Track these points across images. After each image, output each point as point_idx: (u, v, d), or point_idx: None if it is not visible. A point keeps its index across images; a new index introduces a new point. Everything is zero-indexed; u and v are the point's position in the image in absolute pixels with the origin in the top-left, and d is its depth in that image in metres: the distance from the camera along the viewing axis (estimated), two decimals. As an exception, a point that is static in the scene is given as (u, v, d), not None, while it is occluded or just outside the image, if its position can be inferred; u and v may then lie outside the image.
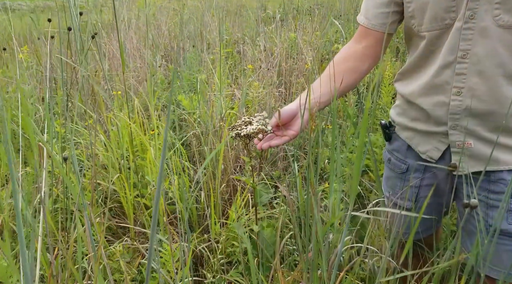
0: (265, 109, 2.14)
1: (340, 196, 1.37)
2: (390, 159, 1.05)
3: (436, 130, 0.91)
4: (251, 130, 0.81)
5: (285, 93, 2.61)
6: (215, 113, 1.83)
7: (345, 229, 0.60)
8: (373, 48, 0.96)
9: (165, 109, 2.32)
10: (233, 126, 0.84)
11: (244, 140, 0.82)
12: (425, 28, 0.86)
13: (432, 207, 1.02)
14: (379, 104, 2.49)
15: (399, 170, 1.03)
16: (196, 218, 1.62)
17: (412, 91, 0.93)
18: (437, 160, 0.94)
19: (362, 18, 0.96)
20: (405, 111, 0.98)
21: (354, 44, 0.99)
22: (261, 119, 0.84)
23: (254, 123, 0.83)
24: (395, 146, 1.03)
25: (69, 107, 2.02)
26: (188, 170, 1.85)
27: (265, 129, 0.83)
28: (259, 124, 0.82)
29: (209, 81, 2.44)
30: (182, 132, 2.32)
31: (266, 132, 0.84)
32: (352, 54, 0.98)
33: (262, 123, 0.84)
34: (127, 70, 2.85)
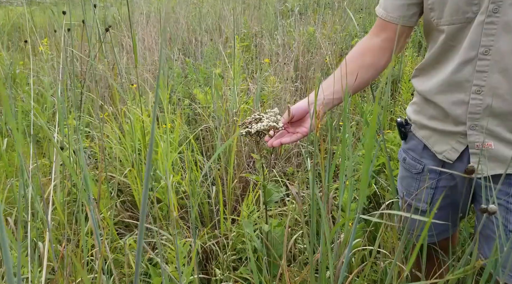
0: (280, 104, 2.12)
1: (351, 195, 1.33)
2: (405, 158, 1.01)
3: (454, 130, 0.87)
4: (262, 127, 0.79)
5: (301, 88, 2.57)
6: (229, 107, 1.82)
7: (353, 234, 0.58)
8: (391, 42, 0.92)
9: (180, 103, 2.33)
10: (243, 123, 0.82)
11: (255, 138, 0.80)
12: (445, 22, 0.81)
13: (448, 210, 0.98)
14: (398, 100, 2.42)
15: (414, 170, 0.99)
16: (207, 213, 1.62)
17: (429, 88, 0.88)
18: (454, 161, 0.89)
19: (381, 10, 0.92)
20: (422, 109, 0.94)
21: (371, 38, 0.95)
22: (272, 116, 0.82)
23: (264, 120, 0.81)
24: (411, 145, 0.99)
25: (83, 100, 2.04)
26: (200, 164, 1.85)
27: (276, 126, 0.81)
28: (270, 121, 0.80)
29: (225, 76, 2.42)
30: (197, 126, 2.32)
31: (277, 129, 0.81)
32: (369, 48, 0.94)
33: (273, 120, 0.81)
34: (144, 63, 2.86)
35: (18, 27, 3.98)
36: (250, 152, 1.85)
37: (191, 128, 2.25)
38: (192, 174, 1.57)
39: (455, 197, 0.96)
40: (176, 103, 2.34)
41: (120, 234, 1.38)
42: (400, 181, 1.07)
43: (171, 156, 1.39)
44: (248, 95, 2.37)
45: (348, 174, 0.83)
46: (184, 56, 3.50)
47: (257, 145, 0.82)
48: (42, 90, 2.32)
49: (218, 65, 2.72)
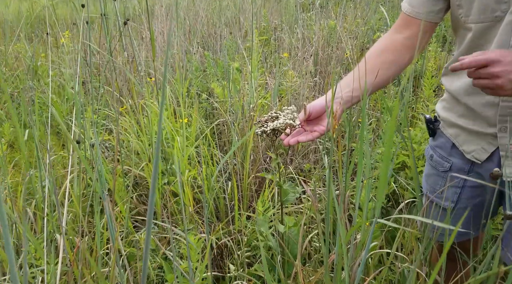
0: (298, 99, 2.09)
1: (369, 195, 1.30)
2: (432, 156, 0.98)
3: (484, 131, 0.83)
4: (278, 125, 0.76)
5: (320, 83, 2.53)
6: (246, 102, 1.80)
7: (370, 237, 0.56)
8: (415, 39, 0.88)
9: (198, 97, 2.32)
10: (259, 121, 0.80)
11: (271, 137, 0.78)
12: (473, 20, 0.77)
13: (473, 211, 0.94)
14: (420, 97, 2.35)
15: (441, 168, 0.96)
16: (223, 207, 1.61)
17: (458, 88, 0.85)
18: (483, 161, 0.86)
19: (406, 5, 0.89)
20: (452, 106, 0.91)
21: (394, 35, 0.92)
22: (289, 114, 0.80)
23: (281, 118, 0.79)
24: (439, 142, 0.96)
25: (101, 93, 2.06)
26: (216, 159, 1.84)
27: (293, 124, 0.78)
28: (286, 119, 0.78)
29: (243, 70, 2.40)
30: (215, 120, 2.31)
31: (294, 127, 0.79)
32: (391, 45, 0.91)
33: (290, 117, 0.79)
34: (163, 56, 2.86)
35: (41, 19, 4.05)
36: (267, 147, 1.83)
37: (208, 123, 2.24)
38: (208, 168, 1.56)
39: (482, 198, 0.92)
40: (193, 97, 2.34)
41: (136, 227, 1.39)
42: (425, 178, 1.04)
43: (187, 150, 1.39)
44: (266, 90, 2.34)
45: (366, 173, 0.80)
46: (203, 49, 3.50)
47: (273, 143, 0.80)
48: (63, 82, 2.36)
49: (237, 59, 2.70)
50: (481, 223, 0.98)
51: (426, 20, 0.85)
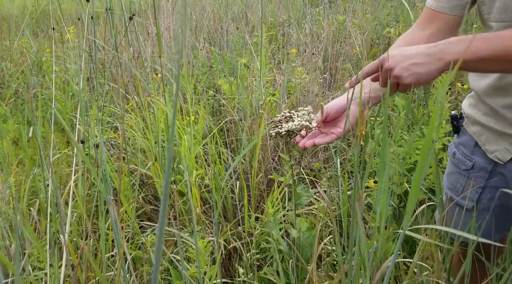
0: (307, 96, 2.04)
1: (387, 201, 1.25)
2: (455, 153, 0.94)
3: (507, 132, 0.80)
4: (293, 126, 0.72)
5: (329, 80, 2.47)
6: (254, 99, 1.75)
7: (396, 252, 0.51)
8: (440, 35, 0.83)
9: (205, 94, 2.28)
10: (272, 121, 0.75)
11: (285, 138, 0.74)
12: (494, 18, 0.74)
13: (495, 213, 0.90)
14: (432, 93, 2.29)
15: (463, 166, 0.92)
16: (231, 207, 1.57)
17: (481, 88, 0.82)
18: (506, 162, 0.83)
19: (431, 0, 0.84)
20: (476, 104, 0.87)
21: (417, 32, 0.87)
22: (305, 115, 0.75)
23: (296, 119, 0.74)
24: (463, 140, 0.92)
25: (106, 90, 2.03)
26: (224, 156, 1.80)
27: (309, 126, 0.74)
28: (302, 120, 0.73)
29: (251, 66, 2.35)
30: (222, 118, 2.27)
31: (310, 129, 0.75)
32: (414, 43, 0.86)
33: (306, 119, 0.74)
34: (169, 52, 2.82)
35: (46, 14, 4.02)
36: (275, 146, 1.79)
37: (215, 120, 2.20)
38: (216, 167, 1.52)
39: (505, 199, 0.88)
40: (200, 93, 2.29)
41: (142, 228, 1.35)
42: (447, 176, 1.00)
43: (194, 149, 1.35)
44: (274, 86, 2.29)
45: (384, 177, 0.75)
46: (210, 45, 3.45)
47: (286, 145, 0.76)
48: (68, 78, 2.32)
49: (244, 55, 2.65)
50: (503, 226, 0.94)
51: (451, 14, 0.81)
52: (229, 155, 1.81)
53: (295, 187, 0.85)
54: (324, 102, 0.76)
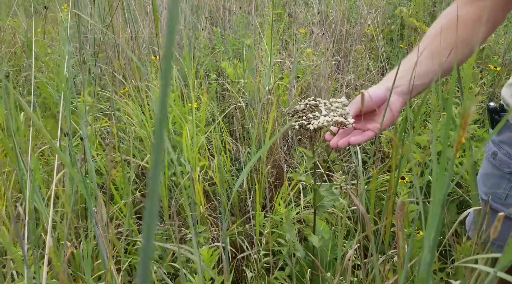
0: (318, 81, 1.88)
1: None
2: (495, 153, 0.80)
3: None
4: (326, 123, 0.58)
5: (341, 63, 2.32)
6: (261, 84, 1.61)
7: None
8: (492, 10, 0.68)
9: (207, 78, 2.13)
10: (295, 111, 0.62)
11: (311, 133, 0.61)
12: None
13: None
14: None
15: (508, 168, 0.78)
16: (237, 201, 1.45)
17: None
18: None
19: None
20: None
21: (463, 7, 0.72)
22: (339, 107, 0.61)
23: (323, 109, 0.60)
24: (506, 137, 0.77)
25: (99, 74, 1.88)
26: (229, 147, 1.67)
27: (345, 122, 0.60)
28: (336, 115, 0.59)
29: (256, 47, 2.20)
30: (225, 103, 2.13)
31: (346, 126, 0.61)
32: (463, 19, 0.71)
33: (341, 113, 0.61)
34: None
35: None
36: (284, 134, 1.65)
37: (219, 106, 2.06)
38: (221, 158, 1.39)
39: None
40: (202, 77, 2.14)
41: (140, 226, 1.23)
42: (483, 179, 0.86)
43: (197, 138, 1.21)
44: (282, 70, 2.14)
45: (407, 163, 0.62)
46: (212, 25, 3.27)
47: (311, 140, 0.63)
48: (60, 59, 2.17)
49: (249, 35, 2.49)
50: None
51: None
52: (234, 144, 1.68)
53: (316, 187, 0.72)
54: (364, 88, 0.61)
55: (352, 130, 0.66)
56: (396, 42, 2.67)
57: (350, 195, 0.62)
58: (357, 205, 0.62)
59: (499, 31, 2.31)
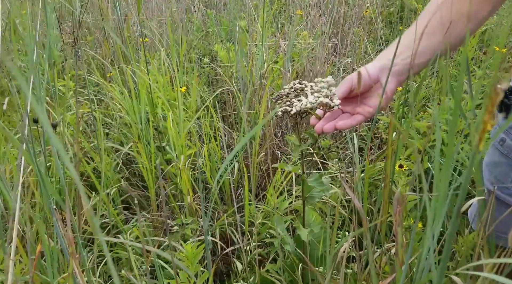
0: (314, 65, 1.81)
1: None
2: (504, 140, 0.74)
3: None
4: (308, 104, 0.52)
5: (338, 46, 2.24)
6: (255, 67, 1.54)
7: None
8: None
9: (200, 62, 2.05)
10: (279, 96, 0.56)
11: (294, 119, 0.55)
12: None
13: None
14: (454, 60, 2.07)
15: None
16: (229, 190, 1.39)
17: None
18: None
19: None
20: None
21: None
22: (324, 87, 0.55)
23: (309, 93, 0.54)
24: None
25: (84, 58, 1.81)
26: (220, 133, 1.61)
27: (330, 104, 0.54)
28: (320, 96, 0.53)
29: (250, 29, 2.11)
30: (218, 88, 2.06)
31: (331, 108, 0.55)
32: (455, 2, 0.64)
33: (326, 93, 0.54)
34: (160, 16, 2.57)
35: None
36: (278, 121, 1.59)
37: (211, 91, 1.99)
38: (210, 146, 1.33)
39: None
40: (195, 61, 2.07)
41: (126, 218, 1.18)
42: (489, 167, 0.80)
43: (184, 124, 1.15)
44: (277, 53, 2.06)
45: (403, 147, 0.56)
46: (206, 8, 3.17)
47: (297, 126, 0.57)
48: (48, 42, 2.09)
49: (243, 18, 2.40)
50: None
51: None
52: (226, 130, 1.62)
53: (304, 178, 0.67)
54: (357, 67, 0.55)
55: (340, 114, 0.60)
56: (395, 25, 2.59)
57: (345, 188, 0.56)
58: (352, 198, 0.56)
59: (503, 12, 2.23)
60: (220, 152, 1.37)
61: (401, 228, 0.53)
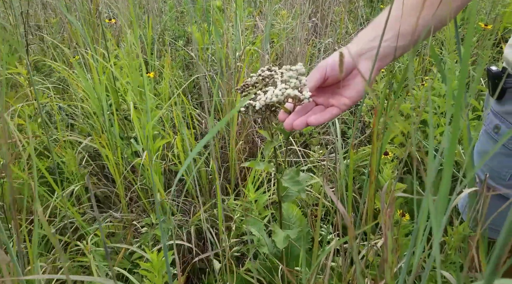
0: (294, 46, 1.72)
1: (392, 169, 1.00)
2: (498, 127, 0.68)
3: None
4: (274, 98, 0.44)
5: (318, 25, 2.14)
6: (230, 49, 1.44)
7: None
8: None
9: (173, 44, 1.93)
10: (245, 86, 0.47)
11: (263, 115, 0.46)
12: None
13: None
14: (438, 39, 2.00)
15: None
16: (206, 182, 1.31)
17: None
18: None
19: None
20: None
21: None
22: (292, 77, 0.46)
23: (279, 84, 0.46)
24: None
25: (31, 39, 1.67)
26: (197, 121, 1.51)
27: (300, 96, 0.46)
28: (288, 87, 0.45)
29: (227, 10, 1.99)
30: (194, 72, 1.95)
31: (301, 101, 0.47)
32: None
33: (295, 84, 0.46)
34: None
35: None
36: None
37: (187, 75, 1.88)
38: (182, 136, 1.24)
39: None
40: (168, 43, 1.95)
41: (90, 219, 1.08)
42: (480, 155, 0.74)
43: (153, 114, 1.05)
44: (255, 34, 1.96)
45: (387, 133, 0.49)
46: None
47: (266, 121, 0.48)
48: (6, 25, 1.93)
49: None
50: None
51: None
52: (202, 117, 1.52)
53: (278, 177, 0.59)
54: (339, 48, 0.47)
55: (313, 106, 0.52)
56: (376, 3, 2.51)
57: (328, 192, 0.49)
58: (334, 201, 0.49)
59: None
60: (195, 142, 1.28)
61: (391, 233, 0.46)
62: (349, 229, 0.42)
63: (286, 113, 0.49)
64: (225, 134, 1.40)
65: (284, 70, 0.48)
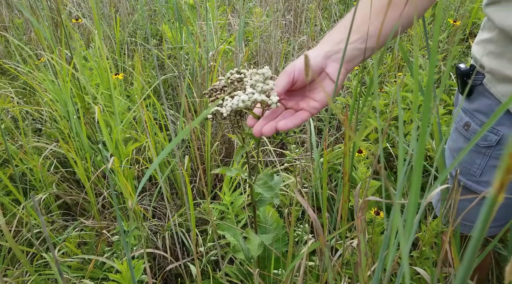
0: (268, 44, 1.71)
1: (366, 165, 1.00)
2: (468, 124, 0.68)
3: None
4: (241, 104, 0.42)
5: (293, 23, 2.14)
6: (203, 49, 1.41)
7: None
8: None
9: (142, 46, 1.89)
10: (212, 90, 0.46)
11: (231, 120, 0.45)
12: None
13: None
14: (409, 34, 2.03)
15: (484, 142, 0.66)
16: (181, 185, 1.28)
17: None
18: None
19: None
20: (505, 51, 0.59)
21: None
22: (259, 81, 0.45)
23: (248, 87, 0.44)
24: (481, 105, 0.65)
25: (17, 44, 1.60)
26: (171, 122, 1.48)
27: (267, 101, 0.44)
28: (255, 92, 0.43)
29: (200, 8, 1.96)
30: (169, 72, 1.91)
31: (269, 106, 0.45)
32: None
33: (263, 88, 0.45)
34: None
35: None
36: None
37: (160, 76, 1.84)
38: (157, 137, 1.21)
39: None
40: (139, 43, 1.90)
41: (61, 228, 1.03)
42: (453, 153, 0.75)
43: (122, 117, 1.02)
44: (229, 32, 1.93)
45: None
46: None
47: (237, 126, 0.47)
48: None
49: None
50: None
51: None
52: (172, 118, 1.49)
53: (250, 182, 0.57)
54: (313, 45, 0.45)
55: (283, 111, 0.50)
56: (349, 0, 2.52)
57: (299, 198, 0.47)
58: (305, 207, 0.48)
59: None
60: (166, 143, 1.25)
61: (365, 237, 0.45)
62: (320, 238, 0.40)
63: (254, 118, 0.48)
64: (201, 135, 1.37)
65: (249, 75, 0.46)
